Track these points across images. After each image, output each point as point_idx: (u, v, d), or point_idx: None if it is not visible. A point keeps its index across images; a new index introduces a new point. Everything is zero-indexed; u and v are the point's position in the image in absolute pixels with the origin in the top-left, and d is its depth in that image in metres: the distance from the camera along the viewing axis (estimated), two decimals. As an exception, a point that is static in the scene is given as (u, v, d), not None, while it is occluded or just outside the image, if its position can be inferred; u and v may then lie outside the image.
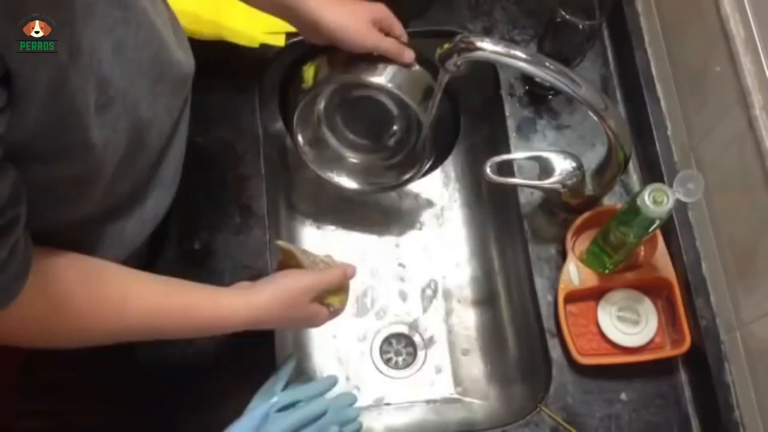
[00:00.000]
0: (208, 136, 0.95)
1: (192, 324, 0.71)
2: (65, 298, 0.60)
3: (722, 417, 0.81)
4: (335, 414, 0.76)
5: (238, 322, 0.72)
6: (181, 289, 0.71)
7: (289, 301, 0.74)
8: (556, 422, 0.84)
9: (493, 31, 1.04)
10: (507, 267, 1.03)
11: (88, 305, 0.62)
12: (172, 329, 0.70)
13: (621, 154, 0.80)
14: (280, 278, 0.76)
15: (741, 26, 0.77)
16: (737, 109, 0.77)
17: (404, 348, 1.04)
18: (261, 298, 0.73)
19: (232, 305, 0.72)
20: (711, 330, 0.84)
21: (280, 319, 0.75)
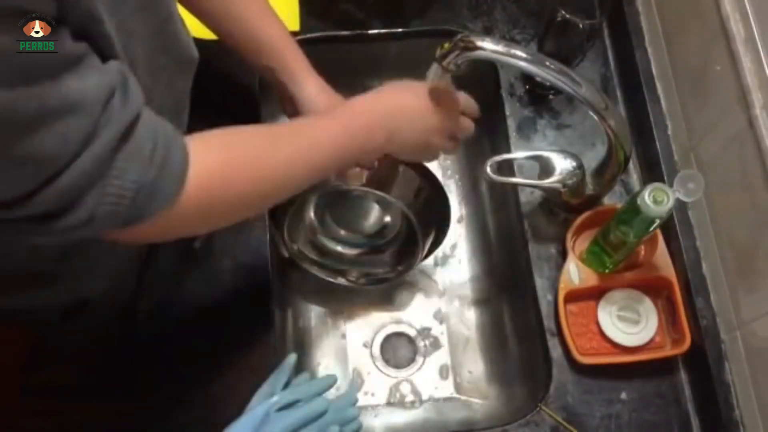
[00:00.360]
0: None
1: (330, 153, 0.67)
2: (233, 163, 0.59)
3: (722, 416, 0.81)
4: (335, 413, 0.75)
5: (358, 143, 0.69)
6: (309, 123, 0.70)
7: (391, 90, 0.74)
8: (556, 422, 0.84)
9: (494, 31, 1.04)
10: (507, 266, 1.03)
11: (255, 162, 0.61)
12: (320, 161, 0.67)
13: (621, 153, 0.80)
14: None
15: (741, 25, 0.77)
16: (737, 108, 0.77)
17: (404, 347, 1.04)
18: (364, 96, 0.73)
19: (350, 123, 0.70)
20: (711, 329, 0.84)
21: (389, 110, 0.73)
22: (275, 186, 0.64)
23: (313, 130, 0.68)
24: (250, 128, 0.64)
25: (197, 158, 0.55)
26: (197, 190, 0.55)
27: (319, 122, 0.70)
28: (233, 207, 0.61)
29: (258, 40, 0.81)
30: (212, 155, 0.57)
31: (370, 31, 1.04)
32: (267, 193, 0.64)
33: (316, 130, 0.68)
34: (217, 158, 0.58)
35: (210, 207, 0.57)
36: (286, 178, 0.64)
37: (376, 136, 0.72)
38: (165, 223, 0.54)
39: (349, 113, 0.71)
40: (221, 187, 0.58)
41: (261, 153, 0.62)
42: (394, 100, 0.75)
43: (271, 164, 0.62)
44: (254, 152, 0.61)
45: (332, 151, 0.68)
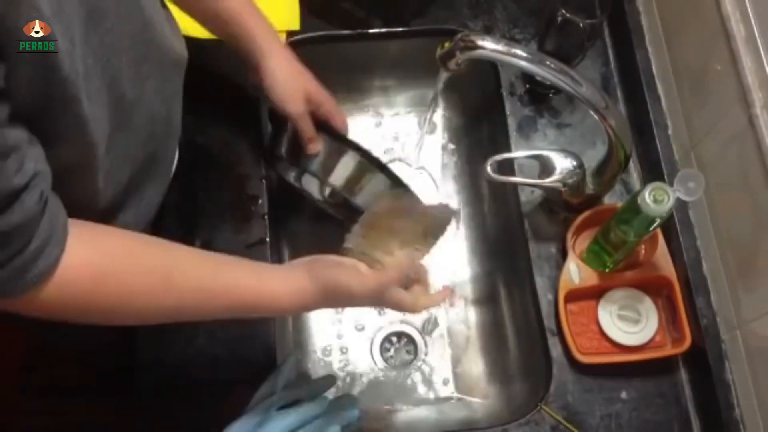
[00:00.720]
0: (208, 136, 0.95)
1: (234, 306, 0.65)
2: (109, 268, 0.57)
3: (723, 416, 0.81)
4: (335, 413, 0.76)
5: (279, 308, 0.68)
6: (226, 267, 0.66)
7: (333, 295, 0.69)
8: (556, 421, 0.84)
9: (494, 30, 1.04)
10: (507, 265, 1.03)
11: (134, 278, 0.59)
12: (217, 309, 0.65)
13: (621, 152, 0.80)
14: (325, 268, 0.70)
15: (741, 25, 0.77)
16: (738, 107, 0.77)
17: (405, 346, 1.04)
18: (302, 286, 0.68)
19: (272, 291, 0.67)
20: (711, 329, 0.84)
21: (328, 305, 0.71)
22: (146, 315, 0.62)
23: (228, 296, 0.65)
24: (138, 241, 0.62)
25: (73, 256, 0.54)
26: (63, 286, 0.54)
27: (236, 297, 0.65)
28: (101, 313, 0.59)
29: (224, 10, 0.81)
30: (89, 258, 0.56)
31: (370, 30, 1.04)
32: (136, 315, 0.62)
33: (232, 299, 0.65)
34: (91, 264, 0.56)
35: (75, 306, 0.57)
36: (161, 313, 0.62)
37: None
38: (30, 306, 0.54)
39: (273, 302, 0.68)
40: (88, 293, 0.57)
41: (136, 276, 0.59)
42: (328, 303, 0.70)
43: (144, 292, 0.60)
44: (130, 273, 0.59)
45: (228, 312, 0.66)
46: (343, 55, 1.06)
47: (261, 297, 0.67)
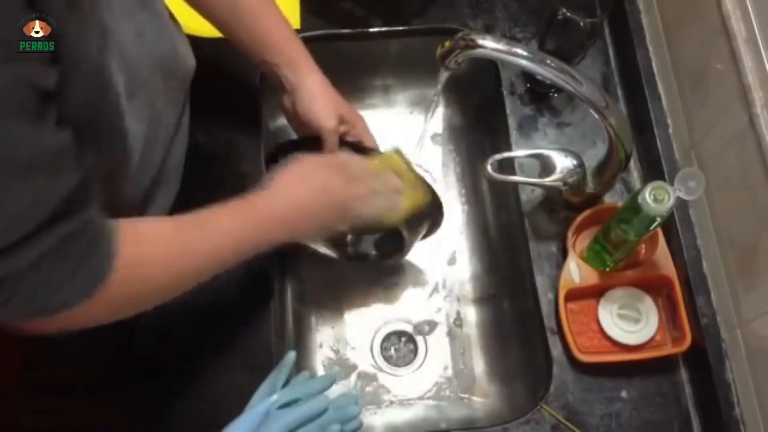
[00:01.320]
0: (209, 134, 0.95)
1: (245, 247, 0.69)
2: (147, 266, 0.60)
3: (723, 415, 0.81)
4: (336, 411, 0.76)
5: (275, 215, 0.70)
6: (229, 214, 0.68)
7: (299, 168, 0.72)
8: (556, 420, 0.84)
9: (494, 29, 1.04)
10: (507, 265, 1.03)
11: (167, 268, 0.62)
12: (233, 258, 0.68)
13: (622, 151, 0.80)
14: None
15: (742, 24, 0.77)
16: (738, 106, 0.77)
17: (405, 345, 1.04)
18: (274, 179, 0.71)
19: (263, 202, 0.70)
20: (712, 328, 0.84)
21: (302, 194, 0.72)
22: (189, 278, 0.65)
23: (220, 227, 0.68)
24: (164, 225, 0.65)
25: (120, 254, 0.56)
26: (116, 285, 0.56)
27: (238, 230, 0.69)
28: (149, 298, 0.63)
29: (261, 35, 0.81)
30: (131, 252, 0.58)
31: (370, 29, 1.04)
32: (180, 285, 0.65)
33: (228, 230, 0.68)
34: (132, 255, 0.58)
35: (126, 300, 0.60)
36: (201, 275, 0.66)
37: (297, 233, 0.74)
38: (80, 315, 0.56)
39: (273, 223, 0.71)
40: (137, 282, 0.59)
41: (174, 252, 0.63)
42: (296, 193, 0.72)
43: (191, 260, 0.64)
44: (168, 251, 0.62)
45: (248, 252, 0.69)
46: (343, 55, 1.06)
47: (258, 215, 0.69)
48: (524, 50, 0.73)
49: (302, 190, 0.72)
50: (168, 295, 0.64)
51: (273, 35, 0.82)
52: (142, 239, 0.60)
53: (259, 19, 0.81)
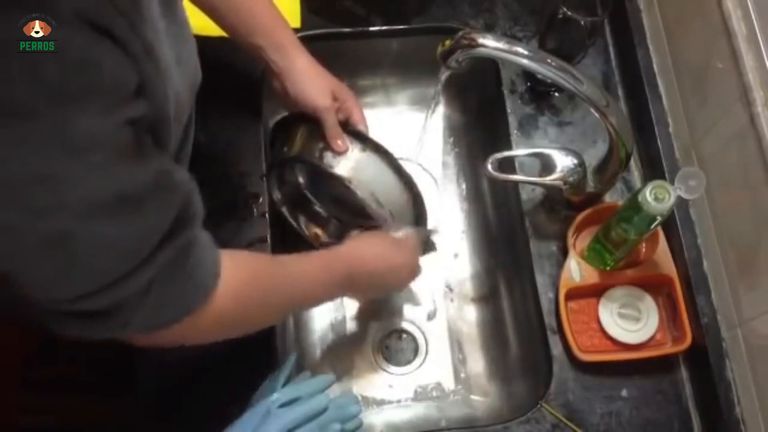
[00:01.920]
0: (208, 133, 0.94)
1: (318, 290, 0.76)
2: (240, 286, 0.64)
3: (723, 414, 0.81)
4: (336, 410, 0.76)
5: (336, 273, 0.77)
6: (302, 260, 0.76)
7: (372, 242, 0.82)
8: (557, 419, 0.84)
9: (495, 28, 1.03)
10: (508, 264, 1.03)
11: (264, 297, 0.68)
12: (310, 299, 0.78)
13: (622, 150, 0.80)
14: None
15: (743, 23, 0.77)
16: (739, 105, 0.77)
17: (405, 345, 1.04)
18: (347, 247, 0.81)
19: (331, 264, 0.77)
20: (712, 327, 0.84)
21: (370, 262, 0.80)
22: (275, 313, 0.74)
23: (309, 276, 0.75)
24: (265, 261, 0.74)
25: (225, 279, 0.61)
26: (220, 304, 0.61)
27: (315, 269, 0.76)
28: (242, 325, 0.69)
29: (249, 19, 0.83)
30: (238, 279, 0.63)
31: (371, 28, 1.04)
32: (269, 318, 0.73)
33: (311, 277, 0.75)
34: (239, 281, 0.63)
35: (224, 322, 0.64)
36: (282, 311, 0.75)
37: (352, 291, 0.87)
38: (184, 332, 0.60)
39: (342, 269, 0.78)
40: (237, 307, 0.64)
41: (271, 284, 0.70)
42: (376, 264, 0.82)
43: (276, 294, 0.71)
44: (266, 283, 0.69)
45: (319, 296, 0.78)
46: (343, 53, 1.06)
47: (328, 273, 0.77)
48: (525, 49, 0.72)
49: (375, 260, 0.82)
50: (261, 325, 0.71)
51: (258, 18, 0.83)
52: (241, 264, 0.65)
53: (243, 2, 0.83)
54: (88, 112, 0.44)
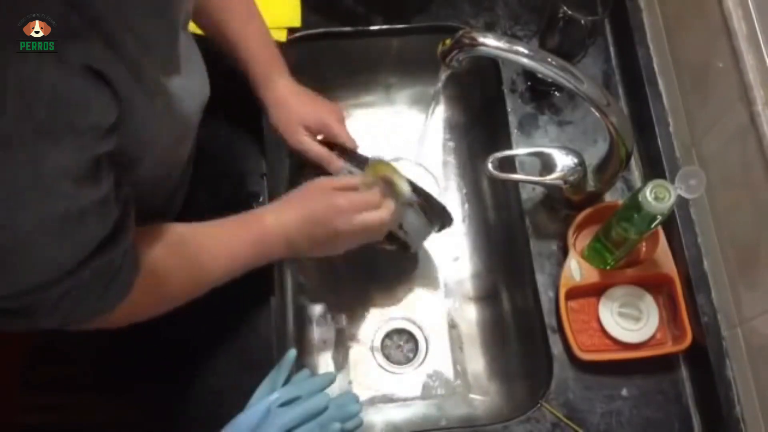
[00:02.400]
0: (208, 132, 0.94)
1: (249, 256, 0.75)
2: (164, 274, 0.66)
3: (723, 413, 0.81)
4: (336, 409, 0.76)
5: (273, 234, 0.76)
6: (234, 226, 0.76)
7: (303, 193, 0.79)
8: (557, 418, 0.84)
9: (495, 27, 1.03)
10: (508, 263, 1.03)
11: (182, 272, 0.69)
12: (240, 266, 0.75)
13: (623, 150, 0.80)
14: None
15: (743, 22, 0.77)
16: (739, 104, 0.77)
17: (405, 343, 1.04)
18: (279, 202, 0.79)
19: (266, 222, 0.77)
20: (712, 326, 0.84)
21: (304, 217, 0.78)
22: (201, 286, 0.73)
23: (230, 240, 0.75)
24: (184, 229, 0.71)
25: (144, 262, 0.62)
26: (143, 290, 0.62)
27: (236, 234, 0.76)
28: (166, 302, 0.70)
29: (234, 44, 0.85)
30: (160, 258, 0.65)
31: (371, 27, 1.04)
32: (193, 291, 0.72)
33: (233, 240, 0.75)
34: (156, 264, 0.65)
35: (149, 305, 0.67)
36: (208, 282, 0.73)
37: (297, 254, 0.81)
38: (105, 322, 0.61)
39: (275, 241, 0.77)
40: (157, 287, 0.66)
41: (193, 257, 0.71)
42: (306, 222, 0.79)
43: (201, 268, 0.72)
44: (182, 260, 0.70)
45: (242, 261, 0.76)
46: (343, 53, 1.06)
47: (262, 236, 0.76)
48: (525, 48, 0.72)
49: (301, 214, 0.78)
50: (183, 299, 0.70)
51: (242, 45, 0.86)
52: (160, 248, 0.65)
53: (232, 26, 0.85)
54: (64, 147, 0.46)
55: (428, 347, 1.03)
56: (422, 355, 1.03)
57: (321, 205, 0.79)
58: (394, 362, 1.03)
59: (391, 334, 1.04)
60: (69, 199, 0.49)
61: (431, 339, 1.04)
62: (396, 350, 1.04)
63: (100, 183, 0.52)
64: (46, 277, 0.52)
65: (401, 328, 1.05)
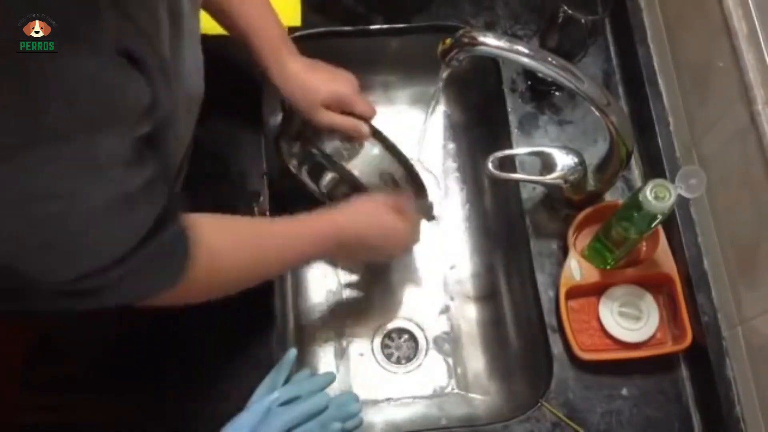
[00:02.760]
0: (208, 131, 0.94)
1: (298, 249, 0.77)
2: (215, 254, 0.65)
3: (723, 413, 0.81)
4: (337, 409, 0.76)
5: (325, 235, 0.78)
6: (283, 222, 0.77)
7: (363, 206, 0.82)
8: (557, 417, 0.84)
9: (496, 26, 1.03)
10: (508, 262, 1.03)
11: (234, 255, 0.69)
12: (291, 256, 0.77)
13: (623, 149, 0.80)
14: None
15: (744, 21, 0.77)
16: (740, 104, 0.77)
17: (405, 343, 1.04)
18: (338, 210, 0.80)
19: (319, 225, 0.78)
20: (712, 326, 0.84)
21: (360, 225, 0.80)
22: (259, 275, 0.75)
23: (291, 237, 0.77)
24: (246, 222, 0.75)
25: (204, 244, 0.63)
26: (203, 271, 0.63)
27: (298, 230, 0.77)
28: (227, 287, 0.71)
29: (243, 28, 0.85)
30: (220, 243, 0.66)
31: (371, 27, 1.04)
32: (250, 279, 0.73)
33: (294, 238, 0.77)
34: (222, 246, 0.67)
35: (210, 285, 0.68)
36: (267, 271, 0.77)
37: (340, 254, 0.86)
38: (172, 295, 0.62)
39: (325, 231, 0.79)
40: (220, 271, 0.67)
41: (253, 246, 0.72)
42: (368, 226, 0.82)
43: (260, 257, 0.73)
44: (247, 244, 0.71)
45: (301, 256, 0.80)
46: (343, 52, 1.06)
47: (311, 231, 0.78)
48: (525, 48, 0.72)
49: (366, 224, 0.81)
50: (238, 287, 0.72)
51: (247, 18, 0.85)
52: (219, 235, 0.67)
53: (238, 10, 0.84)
54: (110, 134, 0.48)
55: (428, 347, 1.03)
56: (422, 355, 1.03)
57: (386, 225, 0.82)
58: (394, 362, 1.03)
59: (392, 333, 1.04)
60: (120, 183, 0.51)
61: (431, 338, 1.04)
62: (396, 350, 1.04)
63: (145, 165, 0.53)
64: (105, 261, 0.53)
65: (401, 328, 1.05)
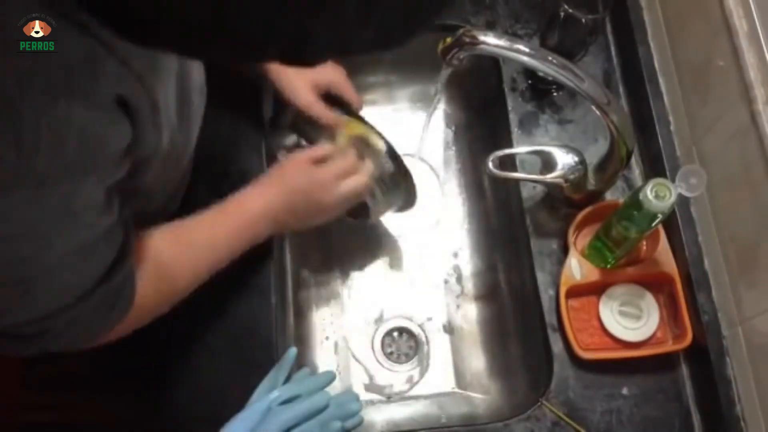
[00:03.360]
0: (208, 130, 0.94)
1: (234, 241, 0.76)
2: (167, 266, 0.67)
3: (724, 412, 0.81)
4: (337, 408, 0.76)
5: (258, 216, 0.77)
6: (222, 215, 0.76)
7: (282, 171, 0.80)
8: (557, 416, 0.84)
9: (496, 26, 1.03)
10: (509, 261, 1.03)
11: (183, 262, 0.70)
12: (233, 250, 0.76)
13: (623, 148, 0.80)
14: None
15: (744, 20, 0.77)
16: (740, 103, 0.77)
17: (406, 342, 1.04)
18: (260, 183, 0.79)
19: (249, 205, 0.77)
20: (713, 325, 0.84)
21: (286, 194, 0.79)
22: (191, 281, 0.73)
23: (213, 232, 0.75)
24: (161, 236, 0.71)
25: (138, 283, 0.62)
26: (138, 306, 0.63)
27: (219, 226, 0.76)
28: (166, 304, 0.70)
29: None
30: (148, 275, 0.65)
31: (371, 26, 1.03)
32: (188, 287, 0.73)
33: (216, 233, 0.75)
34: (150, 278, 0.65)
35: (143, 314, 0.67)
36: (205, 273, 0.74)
37: (281, 230, 0.85)
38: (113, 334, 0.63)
39: (246, 215, 0.78)
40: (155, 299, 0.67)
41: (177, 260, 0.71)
42: (284, 192, 0.80)
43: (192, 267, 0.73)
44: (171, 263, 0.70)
45: (232, 246, 0.77)
46: (344, 51, 1.06)
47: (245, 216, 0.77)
48: (526, 47, 0.72)
49: (283, 191, 0.79)
50: (182, 295, 0.71)
51: None
52: (156, 254, 0.66)
53: None
54: (90, 181, 0.48)
55: (429, 345, 1.03)
56: (423, 354, 1.03)
57: (302, 181, 0.80)
58: (395, 361, 1.03)
59: (392, 332, 1.04)
60: (90, 228, 0.51)
61: (431, 337, 1.04)
62: (396, 349, 1.04)
63: (112, 209, 0.54)
64: (61, 303, 0.53)
65: (402, 327, 1.05)
